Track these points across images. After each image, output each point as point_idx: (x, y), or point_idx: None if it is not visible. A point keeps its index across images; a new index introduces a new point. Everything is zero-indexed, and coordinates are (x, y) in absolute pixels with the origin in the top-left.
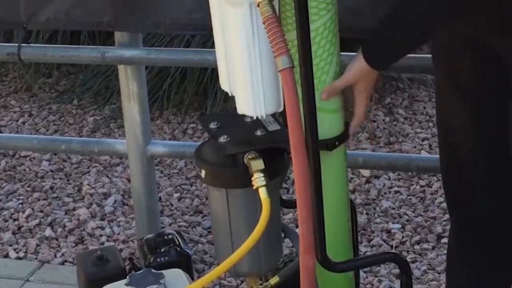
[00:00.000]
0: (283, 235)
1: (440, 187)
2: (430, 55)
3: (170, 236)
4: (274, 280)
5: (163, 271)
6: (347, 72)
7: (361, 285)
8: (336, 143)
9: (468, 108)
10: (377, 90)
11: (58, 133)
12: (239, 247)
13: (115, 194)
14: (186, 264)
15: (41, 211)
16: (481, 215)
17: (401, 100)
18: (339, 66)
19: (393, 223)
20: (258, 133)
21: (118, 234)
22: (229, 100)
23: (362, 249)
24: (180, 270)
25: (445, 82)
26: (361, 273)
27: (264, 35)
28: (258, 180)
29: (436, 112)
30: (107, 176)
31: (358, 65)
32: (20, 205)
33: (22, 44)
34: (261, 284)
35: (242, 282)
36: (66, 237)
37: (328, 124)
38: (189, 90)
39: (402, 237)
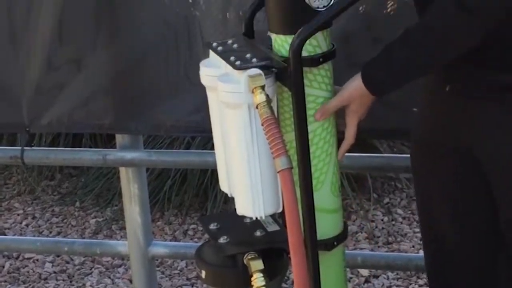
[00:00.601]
0: None
1: None
2: None
3: None
4: None
5: None
6: (343, 90)
7: None
8: (335, 243)
9: (452, 219)
10: (375, 190)
11: (61, 235)
12: None
13: None
14: None
15: None
16: None
17: (400, 199)
18: (338, 166)
19: None
20: (258, 233)
21: None
22: (229, 201)
23: None
24: None
25: (427, 186)
26: None
27: (263, 136)
28: (258, 280)
29: (417, 210)
30: (109, 277)
31: (354, 85)
32: None
33: (25, 148)
34: None
35: None
36: None
37: (327, 224)
38: (190, 192)
39: None
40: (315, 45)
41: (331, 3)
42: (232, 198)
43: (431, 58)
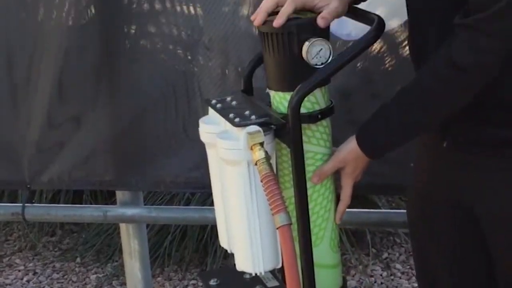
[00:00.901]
0: None
1: None
2: None
3: None
4: None
5: None
6: (338, 152)
7: None
8: None
9: (449, 273)
10: (374, 245)
11: None
12: None
13: None
14: None
15: None
16: None
17: (398, 255)
18: (336, 224)
19: None
20: None
21: None
22: (228, 257)
23: None
24: None
25: (424, 240)
26: None
27: (262, 193)
28: None
29: (414, 265)
30: None
31: (349, 147)
32: None
33: (26, 204)
34: None
35: None
36: None
37: (326, 279)
38: (190, 247)
39: None
40: (314, 101)
41: (329, 60)
42: (232, 254)
43: (426, 118)
